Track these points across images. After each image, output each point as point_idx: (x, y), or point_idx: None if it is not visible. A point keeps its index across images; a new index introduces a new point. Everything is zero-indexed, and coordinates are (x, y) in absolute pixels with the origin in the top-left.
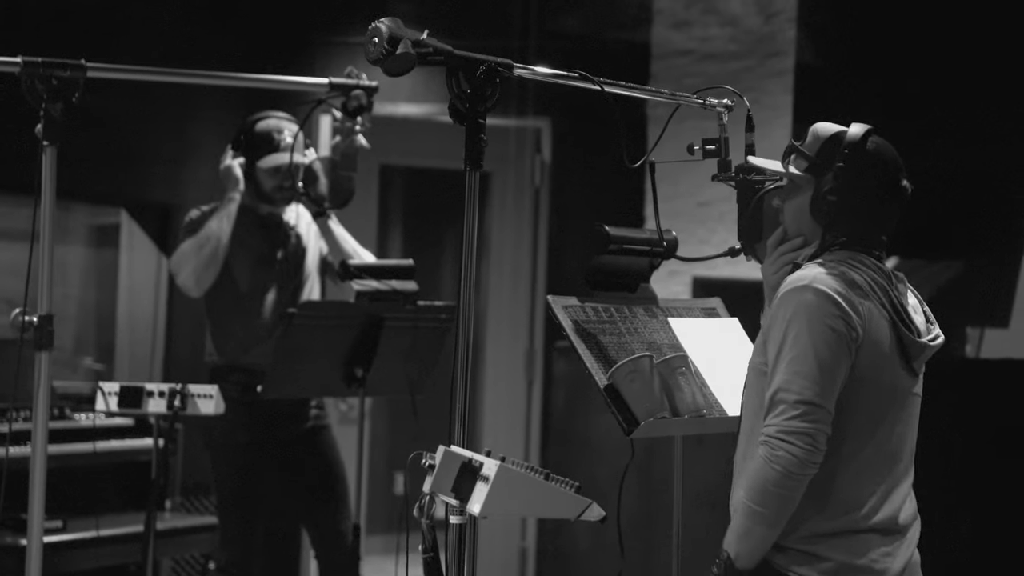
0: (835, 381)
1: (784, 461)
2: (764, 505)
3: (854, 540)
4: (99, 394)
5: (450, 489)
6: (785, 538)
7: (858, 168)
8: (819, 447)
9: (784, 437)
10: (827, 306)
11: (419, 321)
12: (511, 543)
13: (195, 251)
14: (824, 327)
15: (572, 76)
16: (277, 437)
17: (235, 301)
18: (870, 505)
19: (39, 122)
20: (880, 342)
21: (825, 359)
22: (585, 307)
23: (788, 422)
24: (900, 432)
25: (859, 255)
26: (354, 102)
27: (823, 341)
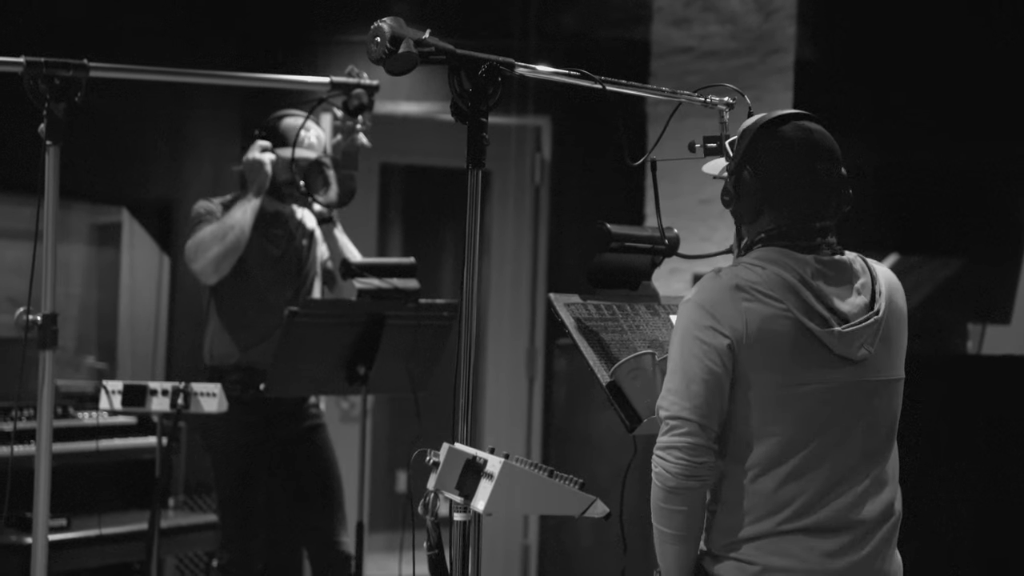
0: (706, 392)
1: (661, 477)
2: (661, 523)
3: (781, 541)
4: (103, 392)
5: (454, 486)
6: (715, 545)
7: (762, 160)
8: (695, 460)
9: (659, 453)
10: (695, 318)
11: (421, 319)
12: (514, 540)
13: (219, 238)
14: (692, 339)
15: (574, 75)
16: (276, 436)
17: (243, 297)
18: (798, 504)
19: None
20: (769, 342)
21: (692, 372)
22: (587, 305)
23: (662, 438)
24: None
25: (774, 251)
26: (355, 101)
27: (690, 354)
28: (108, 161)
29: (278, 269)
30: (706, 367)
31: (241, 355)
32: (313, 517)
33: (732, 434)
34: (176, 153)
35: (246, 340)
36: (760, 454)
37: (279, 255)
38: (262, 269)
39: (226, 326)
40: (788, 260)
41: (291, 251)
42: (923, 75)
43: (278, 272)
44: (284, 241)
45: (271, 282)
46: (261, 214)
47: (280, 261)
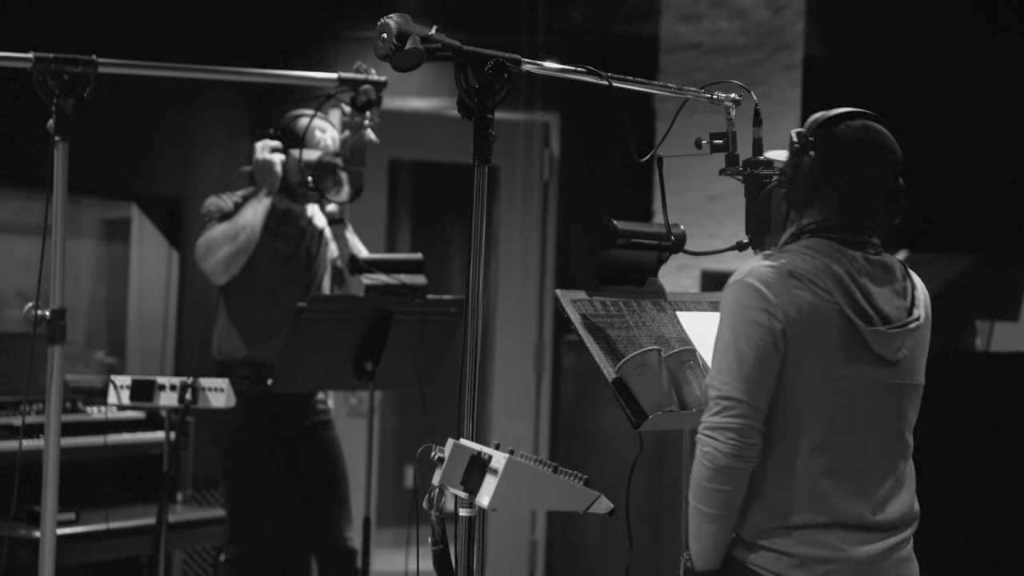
0: (760, 375)
1: (710, 457)
2: (704, 503)
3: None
4: (111, 387)
5: (459, 482)
6: (747, 532)
7: (822, 150)
8: (746, 442)
9: (709, 433)
10: (750, 299)
11: (428, 315)
12: (521, 536)
13: (229, 238)
14: (746, 320)
15: (580, 71)
16: (283, 431)
17: (252, 293)
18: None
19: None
20: (818, 332)
21: (746, 353)
22: (593, 301)
23: (712, 418)
24: (869, 422)
25: (823, 243)
26: (363, 97)
27: (744, 335)
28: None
29: (288, 267)
30: (760, 349)
31: (249, 351)
32: (319, 512)
33: (775, 421)
34: (185, 149)
35: (255, 336)
36: (800, 444)
37: (289, 253)
38: (272, 266)
39: (235, 322)
40: (837, 253)
41: (301, 249)
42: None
43: (288, 270)
44: (294, 239)
45: (281, 279)
46: (272, 212)
47: (290, 259)
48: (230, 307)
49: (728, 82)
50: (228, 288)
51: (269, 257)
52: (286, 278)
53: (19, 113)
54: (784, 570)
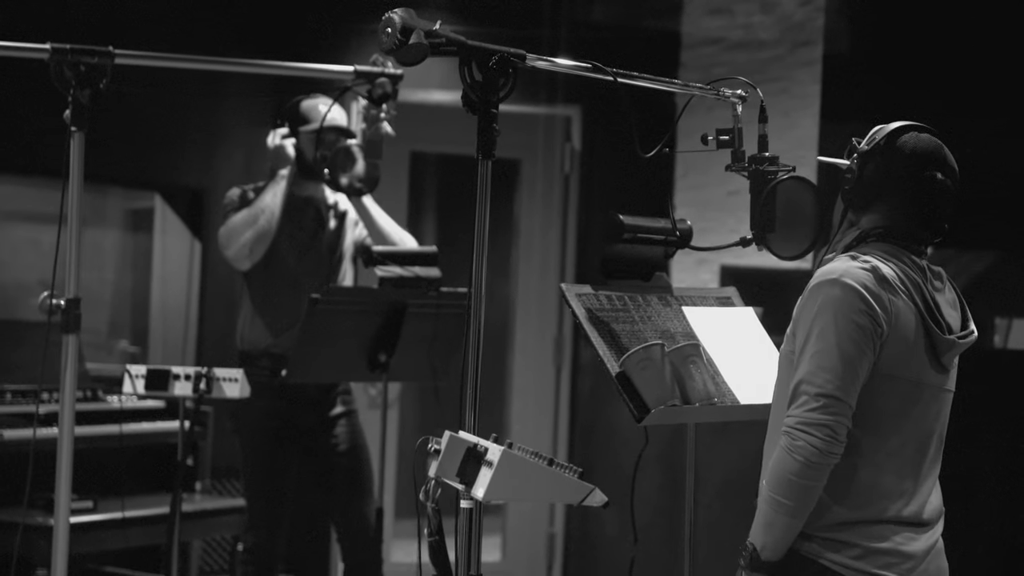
0: (857, 375)
1: (804, 451)
2: (786, 495)
3: (880, 529)
4: (127, 377)
5: (455, 474)
6: (811, 526)
7: (883, 156)
8: (838, 439)
9: (804, 428)
10: (854, 301)
11: (442, 307)
12: (540, 529)
13: (249, 223)
14: (849, 322)
15: (585, 67)
16: (304, 422)
17: (275, 282)
18: (893, 497)
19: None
20: (906, 338)
21: (848, 353)
22: (599, 295)
23: (808, 414)
24: (927, 427)
25: (893, 248)
26: (379, 90)
27: (847, 336)
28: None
29: (310, 254)
30: (861, 351)
31: (272, 341)
32: (343, 498)
33: (856, 420)
34: (208, 140)
35: (278, 326)
36: (876, 445)
37: (311, 240)
38: (294, 254)
39: (258, 312)
40: (908, 259)
41: (323, 236)
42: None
43: (310, 257)
44: (316, 226)
45: (303, 267)
46: (293, 199)
47: (312, 246)
48: (254, 297)
49: (734, 78)
50: (252, 278)
51: (291, 245)
52: (308, 266)
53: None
54: (847, 561)
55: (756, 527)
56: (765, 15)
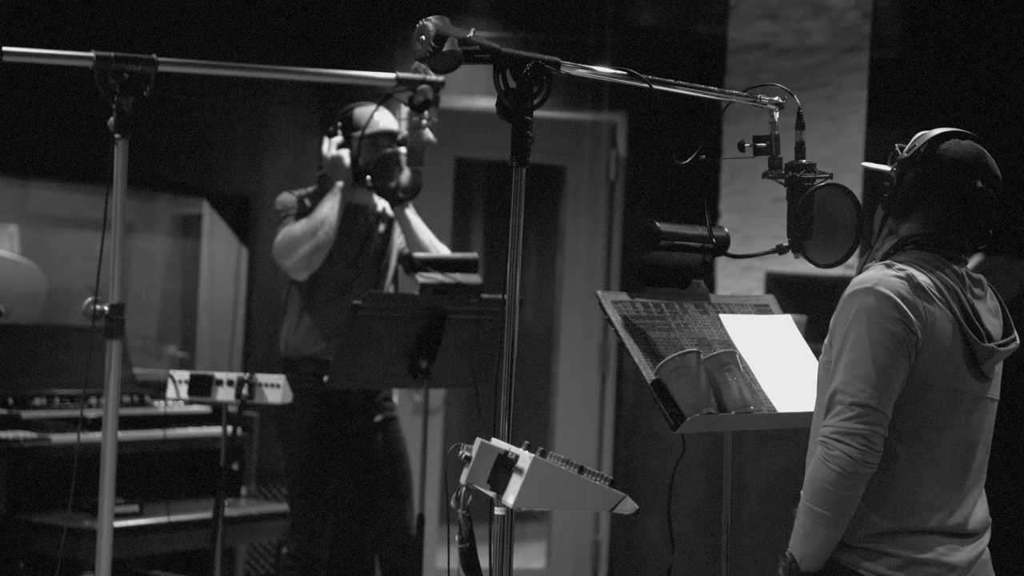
0: (892, 384)
1: (840, 461)
2: (822, 505)
3: (921, 539)
4: (171, 382)
5: (486, 481)
6: (851, 536)
7: (924, 164)
8: (874, 448)
9: (839, 437)
10: (888, 309)
11: (482, 314)
12: (584, 536)
13: (309, 235)
14: (883, 330)
15: (621, 75)
16: (348, 428)
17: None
18: (935, 507)
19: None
20: (943, 346)
21: (882, 362)
22: (635, 302)
23: (843, 423)
24: (968, 436)
25: (932, 256)
26: (420, 97)
27: (881, 345)
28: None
29: (358, 261)
30: (896, 360)
31: (317, 347)
32: (383, 505)
33: (894, 429)
34: (255, 146)
35: (326, 332)
36: (915, 454)
37: (359, 247)
38: (343, 261)
39: (306, 317)
40: (946, 267)
41: (371, 243)
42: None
43: (358, 264)
44: (364, 233)
45: (352, 274)
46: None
47: (360, 254)
48: (300, 303)
49: (772, 85)
50: (300, 284)
51: (339, 252)
52: (356, 273)
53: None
54: (887, 571)
55: (795, 537)
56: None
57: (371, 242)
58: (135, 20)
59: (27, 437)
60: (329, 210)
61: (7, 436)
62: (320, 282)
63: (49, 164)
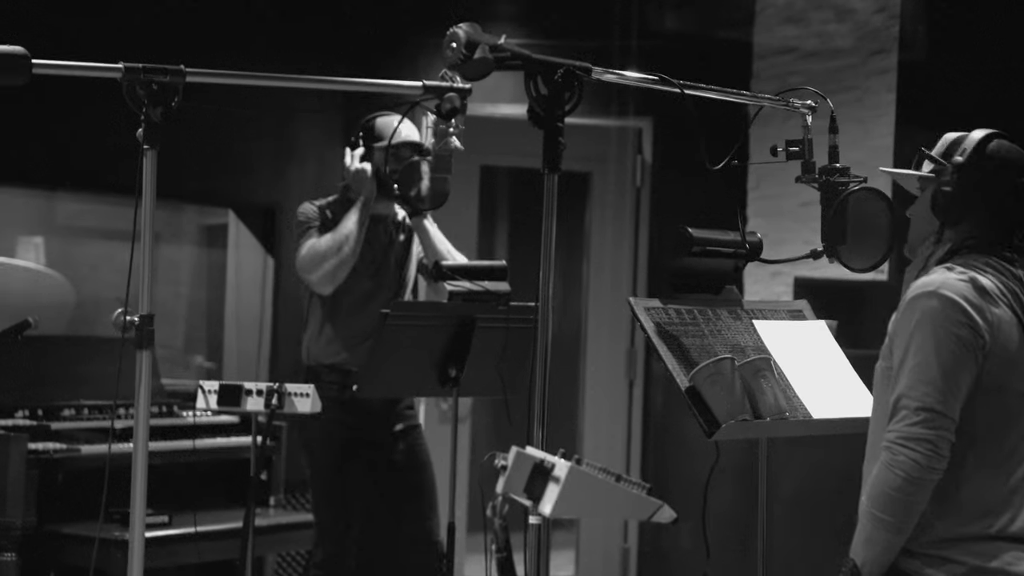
0: (959, 389)
1: (905, 467)
2: (886, 511)
3: (986, 546)
4: (200, 392)
5: (522, 490)
6: (914, 542)
7: (977, 167)
8: (941, 454)
9: (905, 443)
10: (953, 313)
11: (511, 321)
12: (614, 543)
13: (333, 251)
14: (949, 334)
15: (653, 80)
16: (371, 437)
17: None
18: (1000, 512)
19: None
20: (1009, 349)
21: (948, 367)
22: (668, 309)
23: (910, 428)
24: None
25: (989, 258)
26: (447, 104)
27: (947, 349)
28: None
29: (380, 272)
30: (963, 364)
31: (340, 356)
32: (407, 513)
33: (960, 434)
34: (279, 156)
35: (347, 342)
36: (982, 458)
37: (381, 258)
38: (365, 271)
39: (328, 327)
40: (1005, 269)
41: (392, 253)
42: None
43: (380, 275)
44: (385, 243)
45: (373, 284)
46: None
47: (383, 264)
48: (322, 313)
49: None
50: (319, 295)
51: (362, 263)
52: (378, 283)
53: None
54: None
55: (856, 543)
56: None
57: (392, 252)
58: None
59: (57, 448)
60: (354, 225)
61: (37, 447)
62: (342, 292)
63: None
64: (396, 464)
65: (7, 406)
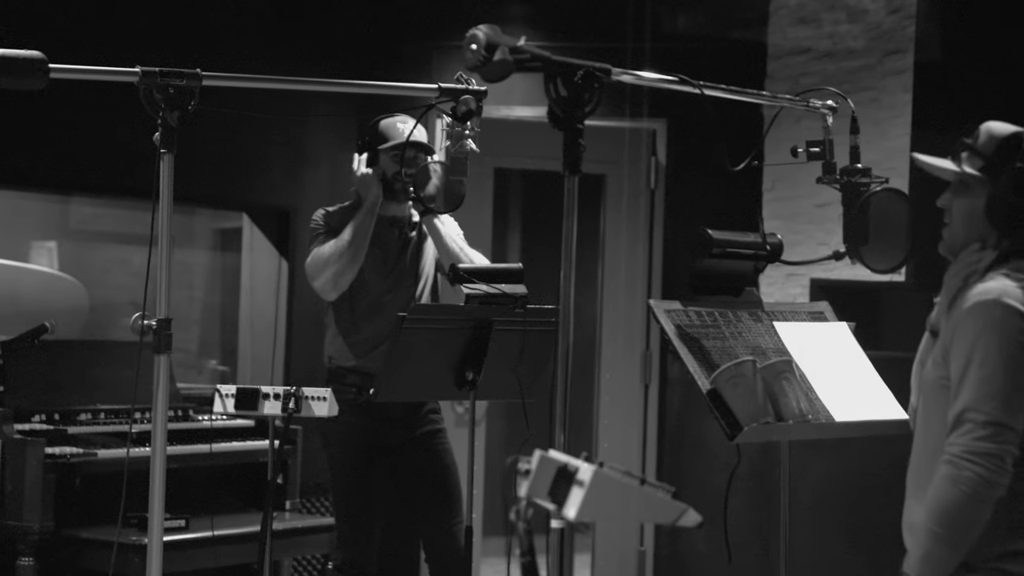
0: None
1: (971, 482)
2: (947, 527)
3: None
4: (217, 396)
5: (546, 493)
6: (974, 556)
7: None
8: (1007, 468)
9: (971, 457)
10: (1017, 321)
11: (529, 324)
12: (630, 546)
13: (336, 257)
14: (1015, 345)
15: (673, 80)
16: (391, 440)
17: (358, 303)
18: None
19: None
20: None
21: (1016, 378)
22: (688, 311)
23: (976, 442)
24: None
25: None
26: (463, 106)
27: (1014, 360)
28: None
29: (394, 273)
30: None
31: (359, 360)
32: (431, 514)
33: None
34: (294, 159)
35: (362, 345)
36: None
37: (395, 260)
38: (378, 275)
39: (344, 331)
40: None
41: (407, 255)
42: None
43: (394, 277)
44: (400, 245)
45: (387, 286)
46: (377, 219)
47: (397, 266)
48: (338, 317)
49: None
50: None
51: (375, 266)
52: (393, 285)
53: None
54: None
55: (912, 557)
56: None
57: (406, 254)
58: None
59: (74, 452)
60: (355, 231)
61: (54, 451)
62: (358, 295)
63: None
64: (419, 468)
65: (24, 411)
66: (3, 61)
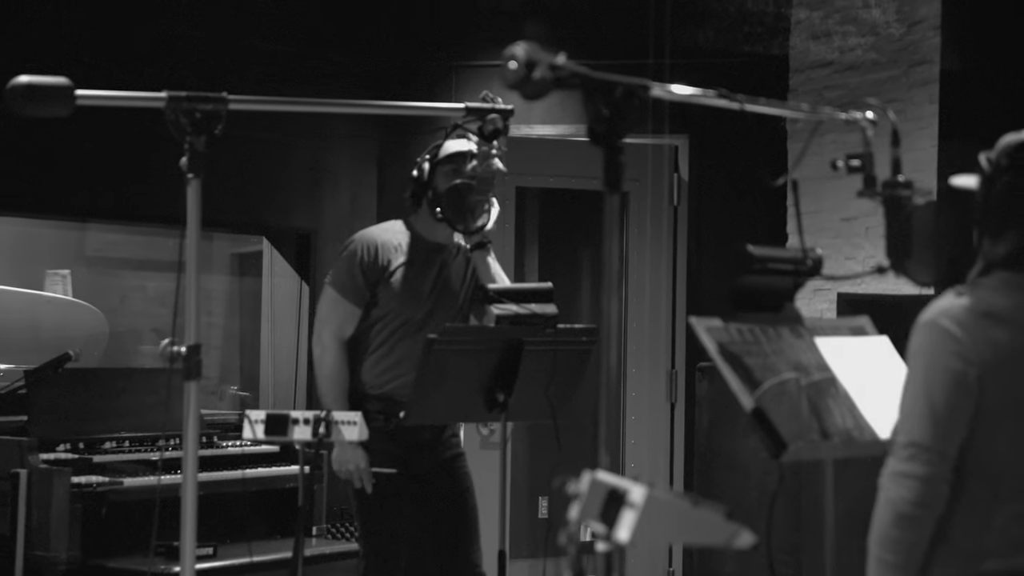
0: (951, 422)
1: (894, 504)
2: (886, 550)
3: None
4: (246, 422)
5: (597, 516)
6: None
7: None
8: (932, 489)
9: (892, 479)
10: (946, 343)
11: (559, 344)
12: (658, 567)
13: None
14: (938, 365)
15: (711, 94)
16: (417, 466)
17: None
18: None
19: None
20: (1017, 375)
21: (938, 401)
22: (729, 328)
23: (896, 463)
24: None
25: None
26: (490, 126)
27: (937, 381)
28: (248, 192)
29: (435, 301)
30: (952, 394)
31: (389, 386)
32: (451, 542)
33: (968, 465)
34: (313, 182)
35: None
36: (996, 490)
37: (440, 287)
38: (414, 300)
39: (375, 356)
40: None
41: (450, 282)
42: None
43: (431, 301)
44: (442, 272)
45: (424, 311)
46: (423, 245)
47: (432, 290)
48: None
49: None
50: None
51: (410, 292)
52: (428, 311)
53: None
54: None
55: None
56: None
57: (450, 282)
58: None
59: (100, 481)
60: (324, 399)
61: (80, 480)
62: (391, 321)
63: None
64: (442, 493)
65: (49, 440)
66: (29, 89)
